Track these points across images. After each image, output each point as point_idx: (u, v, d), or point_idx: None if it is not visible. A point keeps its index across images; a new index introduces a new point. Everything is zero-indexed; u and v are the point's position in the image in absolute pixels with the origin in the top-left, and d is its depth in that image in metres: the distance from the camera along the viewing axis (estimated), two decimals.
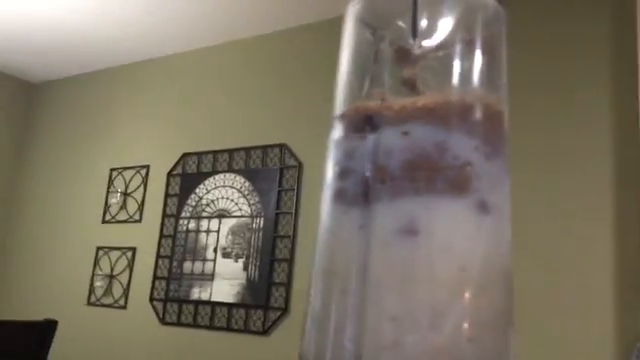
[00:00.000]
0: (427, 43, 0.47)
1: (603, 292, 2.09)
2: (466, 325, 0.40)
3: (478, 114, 0.44)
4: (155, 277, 3.29)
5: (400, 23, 0.49)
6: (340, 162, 0.47)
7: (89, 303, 3.51)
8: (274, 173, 3.04)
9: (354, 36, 0.50)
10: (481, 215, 0.43)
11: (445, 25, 0.48)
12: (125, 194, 3.57)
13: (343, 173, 0.46)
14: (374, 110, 0.45)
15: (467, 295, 0.41)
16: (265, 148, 3.11)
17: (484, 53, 0.47)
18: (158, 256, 3.31)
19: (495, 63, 0.48)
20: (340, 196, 0.46)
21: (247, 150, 3.17)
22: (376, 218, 0.42)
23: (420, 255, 0.41)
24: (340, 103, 0.49)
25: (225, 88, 3.38)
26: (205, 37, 3.43)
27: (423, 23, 0.48)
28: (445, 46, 0.47)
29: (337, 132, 0.48)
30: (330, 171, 0.48)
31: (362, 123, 0.45)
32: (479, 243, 0.42)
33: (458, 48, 0.46)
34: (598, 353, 2.04)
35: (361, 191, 0.43)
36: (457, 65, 0.45)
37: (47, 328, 2.45)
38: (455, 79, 0.45)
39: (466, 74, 0.45)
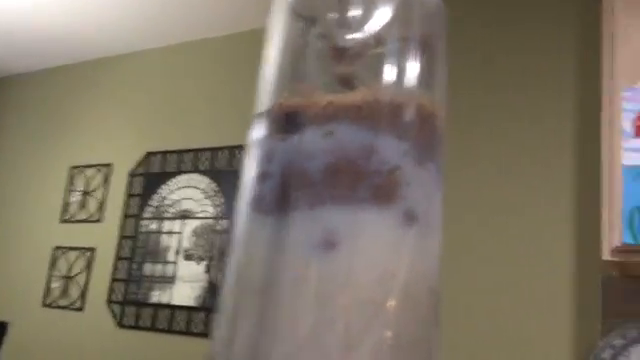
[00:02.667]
0: (360, 36, 0.43)
1: (560, 294, 2.08)
2: (385, 345, 0.36)
3: (410, 115, 0.41)
4: (114, 279, 3.20)
5: (333, 15, 0.45)
6: (259, 165, 0.43)
7: (45, 304, 3.40)
8: (240, 174, 2.98)
9: (284, 27, 0.46)
10: (406, 227, 0.39)
11: (380, 19, 0.44)
12: (85, 193, 3.47)
13: (261, 177, 0.42)
14: (298, 107, 0.41)
15: (387, 312, 0.37)
16: (232, 149, 3.06)
17: (421, 51, 0.43)
18: (118, 257, 3.22)
19: (433, 62, 0.44)
20: (257, 202, 0.41)
21: (213, 150, 3.11)
22: (292, 229, 0.37)
23: (338, 269, 0.37)
24: (264, 99, 0.44)
25: (192, 87, 3.31)
26: (173, 35, 3.37)
27: (356, 15, 0.44)
28: (381, 41, 0.43)
29: (258, 131, 0.44)
30: (248, 174, 0.43)
31: (284, 122, 0.41)
32: (403, 257, 0.38)
33: (393, 44, 0.42)
34: (555, 356, 2.03)
35: (278, 198, 0.39)
36: (391, 62, 0.41)
37: None
38: (388, 77, 0.41)
39: (400, 72, 0.42)
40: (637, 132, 1.79)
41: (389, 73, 0.42)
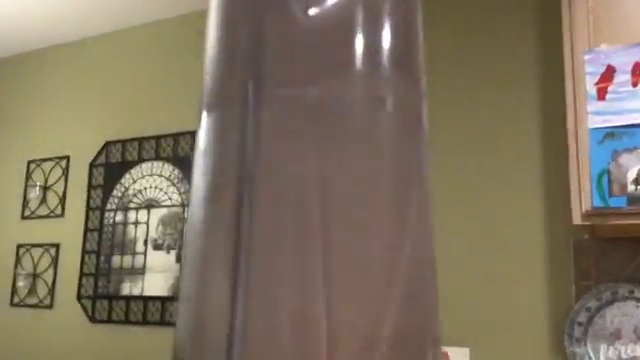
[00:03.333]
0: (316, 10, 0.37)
1: (533, 260, 2.10)
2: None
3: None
4: (82, 274, 3.12)
5: None
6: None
7: (12, 304, 3.31)
8: None
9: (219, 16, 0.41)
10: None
11: None
12: (45, 187, 3.36)
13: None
14: None
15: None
16: (194, 133, 2.98)
17: (393, 29, 0.38)
18: (84, 252, 3.14)
19: (409, 38, 0.39)
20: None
21: (175, 136, 3.03)
22: None
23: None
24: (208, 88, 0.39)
25: (149, 71, 3.21)
26: (125, 18, 3.24)
27: None
28: (342, 15, 0.37)
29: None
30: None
31: None
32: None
33: (359, 19, 0.36)
34: (531, 322, 2.06)
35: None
36: (359, 40, 0.35)
37: None
38: (357, 58, 0.35)
39: (371, 53, 0.36)
40: (600, 95, 1.79)
41: (359, 54, 0.37)
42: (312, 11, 0.33)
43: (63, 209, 3.28)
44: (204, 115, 0.36)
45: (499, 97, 2.29)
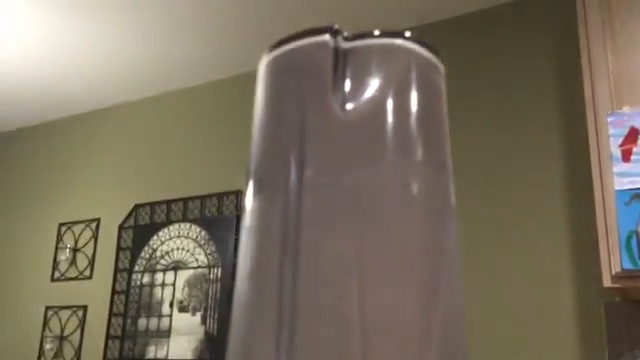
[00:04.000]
0: (353, 106, 0.41)
1: (564, 324, 2.05)
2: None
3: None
4: (108, 336, 3.13)
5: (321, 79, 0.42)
6: None
7: None
8: (230, 221, 2.95)
9: (268, 89, 0.44)
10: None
11: (373, 85, 0.42)
12: (75, 250, 3.42)
13: None
14: None
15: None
16: (220, 195, 3.04)
17: (421, 115, 0.41)
18: (111, 314, 3.16)
19: (435, 127, 0.42)
20: None
21: (202, 199, 3.09)
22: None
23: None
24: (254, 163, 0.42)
25: (178, 136, 3.30)
26: (155, 85, 3.37)
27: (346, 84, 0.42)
28: (375, 110, 0.41)
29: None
30: None
31: None
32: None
33: (389, 112, 0.40)
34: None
35: None
36: (389, 132, 0.39)
37: None
38: (388, 148, 0.39)
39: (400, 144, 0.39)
40: (625, 157, 1.80)
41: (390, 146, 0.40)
42: (349, 106, 0.36)
43: (92, 271, 3.32)
44: (250, 197, 0.39)
45: (523, 164, 2.30)
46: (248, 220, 0.37)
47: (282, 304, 0.33)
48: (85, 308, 3.27)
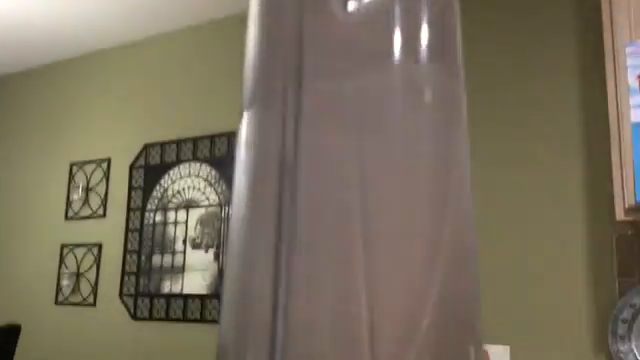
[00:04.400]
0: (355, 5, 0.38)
1: (575, 256, 2.06)
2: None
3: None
4: (124, 272, 3.20)
5: None
6: None
7: (57, 302, 3.40)
8: None
9: (260, 12, 0.42)
10: None
11: None
12: (87, 189, 3.45)
13: None
14: None
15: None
16: (230, 134, 3.02)
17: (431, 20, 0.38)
18: (126, 251, 3.21)
19: (447, 30, 0.39)
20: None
21: (211, 138, 3.08)
22: None
23: None
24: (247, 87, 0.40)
25: (186, 75, 3.26)
26: (163, 23, 3.31)
27: None
28: (380, 9, 0.37)
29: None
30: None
31: None
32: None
33: (397, 12, 0.36)
34: (573, 319, 2.02)
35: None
36: (397, 33, 0.36)
37: (9, 333, 2.35)
38: (395, 50, 0.36)
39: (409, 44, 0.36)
40: None
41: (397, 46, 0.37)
42: (350, 6, 0.34)
43: (105, 210, 3.36)
44: (245, 110, 0.37)
45: (540, 92, 2.26)
46: (244, 132, 0.35)
47: (282, 217, 0.32)
48: (100, 246, 3.32)
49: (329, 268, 0.31)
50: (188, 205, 3.08)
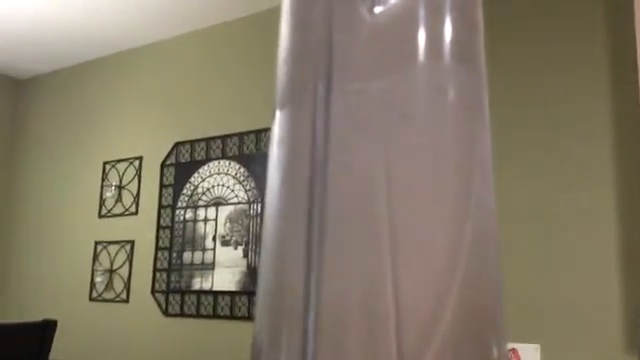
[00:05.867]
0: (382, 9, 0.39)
1: (608, 253, 2.03)
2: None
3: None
4: (155, 269, 3.25)
5: None
6: None
7: (91, 299, 3.48)
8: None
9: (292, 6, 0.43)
10: None
11: None
12: (120, 187, 3.52)
13: None
14: None
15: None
16: (258, 132, 3.05)
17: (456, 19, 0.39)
18: (157, 248, 3.27)
19: (470, 30, 0.40)
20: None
21: (240, 135, 3.11)
22: None
23: None
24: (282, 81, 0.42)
25: (215, 73, 3.30)
26: (192, 21, 3.35)
27: None
28: (405, 12, 0.39)
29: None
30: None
31: None
32: None
33: (421, 14, 0.38)
34: (604, 318, 2.00)
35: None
36: (421, 34, 0.37)
37: (46, 328, 2.42)
38: (419, 51, 0.37)
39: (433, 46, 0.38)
40: None
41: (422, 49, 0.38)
42: (377, 9, 0.35)
43: (137, 207, 3.42)
44: (278, 110, 0.39)
45: (569, 79, 2.23)
46: (277, 130, 0.37)
47: (312, 212, 0.33)
48: (132, 243, 3.39)
49: (357, 263, 0.33)
50: (217, 202, 3.12)
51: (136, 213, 3.42)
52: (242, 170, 3.07)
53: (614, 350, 1.96)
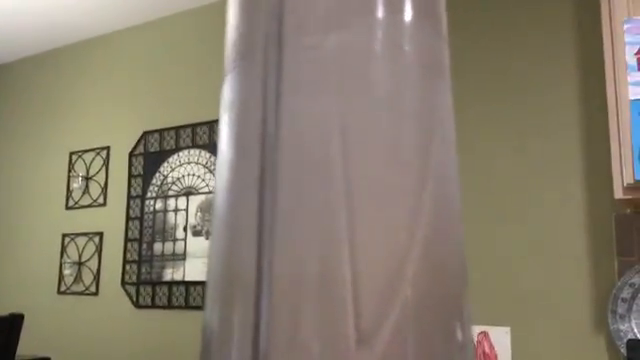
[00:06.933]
0: None
1: (574, 235, 2.06)
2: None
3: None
4: (125, 261, 3.20)
5: None
6: None
7: (59, 292, 3.42)
8: None
9: None
10: None
11: None
12: (87, 178, 3.45)
13: None
14: None
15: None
16: None
17: None
18: (127, 239, 3.22)
19: None
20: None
21: (210, 124, 3.07)
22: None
23: None
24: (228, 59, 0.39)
25: (182, 61, 3.25)
26: (160, 8, 3.29)
27: None
28: None
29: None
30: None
31: None
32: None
33: None
34: (573, 299, 2.03)
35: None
36: None
37: (13, 322, 2.36)
38: (377, 4, 0.34)
39: None
40: None
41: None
42: None
43: (105, 198, 3.36)
44: (227, 74, 0.37)
45: (537, 71, 2.24)
46: (226, 95, 0.35)
47: (264, 177, 0.31)
48: (101, 234, 3.33)
49: (311, 228, 0.31)
50: (188, 192, 3.08)
51: (104, 204, 3.36)
52: (213, 159, 3.04)
53: (583, 329, 1.99)
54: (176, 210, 3.10)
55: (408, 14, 0.31)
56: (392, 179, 0.29)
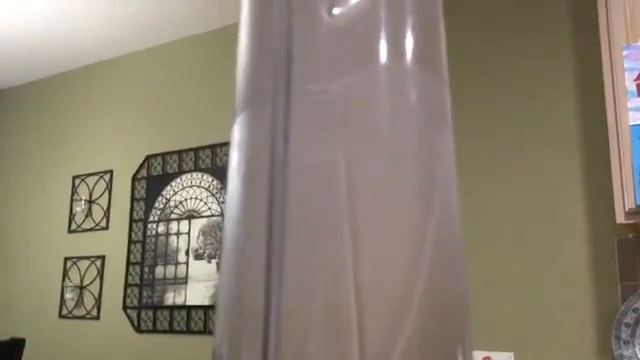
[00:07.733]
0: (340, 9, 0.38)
1: (577, 260, 2.06)
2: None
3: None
4: (127, 284, 3.20)
5: None
6: None
7: (61, 316, 3.40)
8: None
9: (251, 18, 0.42)
10: None
11: None
12: (90, 201, 3.46)
13: None
14: None
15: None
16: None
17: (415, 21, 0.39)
18: (128, 263, 3.22)
19: (431, 34, 0.40)
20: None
21: (213, 148, 3.08)
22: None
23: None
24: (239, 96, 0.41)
25: (186, 85, 3.28)
26: (163, 33, 3.33)
27: None
28: (364, 13, 0.38)
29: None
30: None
31: None
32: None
33: (382, 16, 0.37)
34: (576, 324, 2.01)
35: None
36: (382, 36, 0.36)
37: (14, 347, 2.35)
38: (380, 53, 0.36)
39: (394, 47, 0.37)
40: None
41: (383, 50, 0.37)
42: (336, 10, 0.35)
43: (107, 222, 3.36)
44: (237, 115, 0.38)
45: (537, 96, 2.26)
46: (236, 135, 0.36)
47: (272, 213, 0.32)
48: (103, 258, 3.33)
49: (319, 263, 0.32)
50: (190, 215, 3.08)
51: (107, 228, 3.36)
52: (215, 182, 3.05)
53: (586, 355, 1.98)
54: (178, 233, 3.10)
55: (409, 60, 0.32)
56: (396, 219, 0.30)
